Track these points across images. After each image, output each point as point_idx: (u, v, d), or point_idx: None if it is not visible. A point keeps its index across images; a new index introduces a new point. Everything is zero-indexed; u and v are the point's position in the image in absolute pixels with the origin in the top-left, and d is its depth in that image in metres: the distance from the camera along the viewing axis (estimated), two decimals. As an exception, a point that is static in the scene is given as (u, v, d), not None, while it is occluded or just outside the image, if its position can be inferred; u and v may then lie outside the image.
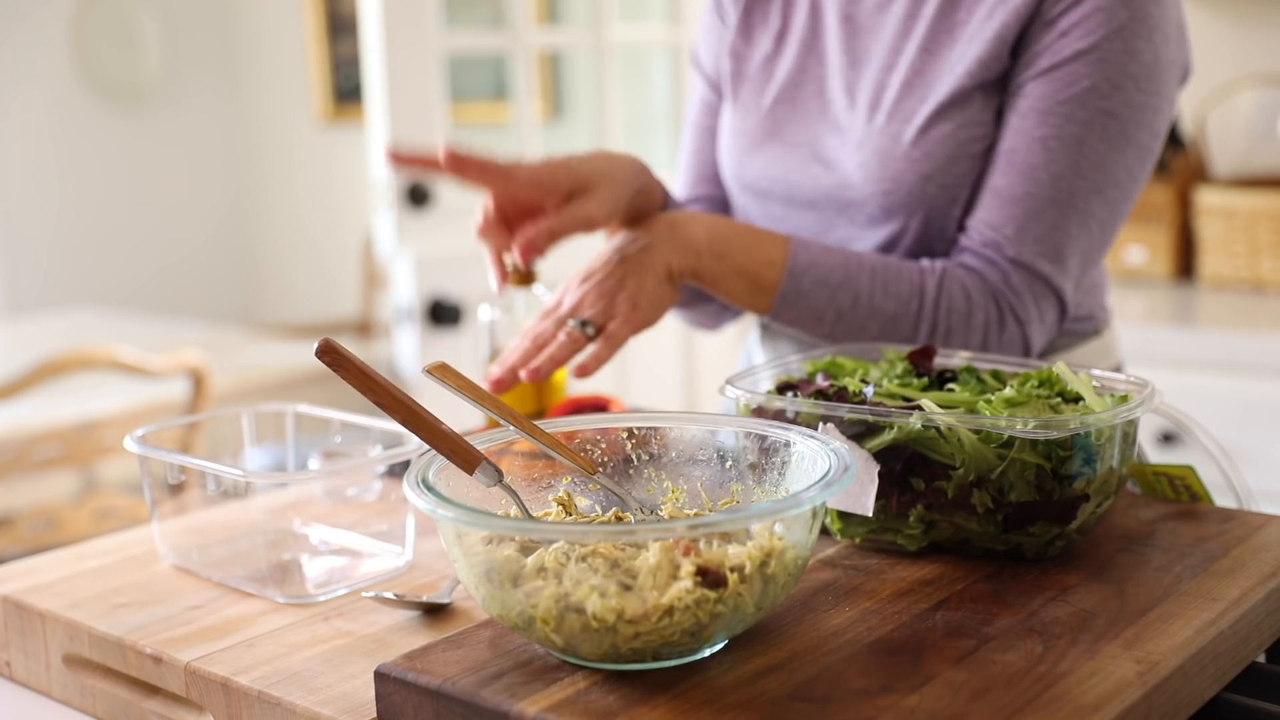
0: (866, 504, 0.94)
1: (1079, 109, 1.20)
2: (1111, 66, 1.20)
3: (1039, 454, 0.91)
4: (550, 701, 0.74)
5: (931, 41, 1.28)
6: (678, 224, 1.21)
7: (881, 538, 0.97)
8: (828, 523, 0.99)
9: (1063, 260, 1.23)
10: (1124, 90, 1.21)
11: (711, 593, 0.76)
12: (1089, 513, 0.94)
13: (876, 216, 1.29)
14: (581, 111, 4.30)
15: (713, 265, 1.20)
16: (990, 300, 1.23)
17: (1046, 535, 0.93)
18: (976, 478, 0.92)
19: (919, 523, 0.95)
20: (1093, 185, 1.21)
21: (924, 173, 1.26)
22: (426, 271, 2.84)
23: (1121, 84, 1.20)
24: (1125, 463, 0.96)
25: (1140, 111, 1.22)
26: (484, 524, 0.77)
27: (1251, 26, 2.78)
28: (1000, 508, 0.92)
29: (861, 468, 0.94)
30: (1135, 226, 2.77)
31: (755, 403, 1.01)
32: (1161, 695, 0.76)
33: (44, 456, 2.50)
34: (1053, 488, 0.92)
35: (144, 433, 1.07)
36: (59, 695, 0.98)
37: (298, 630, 0.93)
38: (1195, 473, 1.07)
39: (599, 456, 0.93)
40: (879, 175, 1.28)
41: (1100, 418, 0.91)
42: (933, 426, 0.93)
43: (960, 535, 0.95)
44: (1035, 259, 1.22)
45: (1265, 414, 2.19)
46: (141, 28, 4.96)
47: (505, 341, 1.39)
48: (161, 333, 3.75)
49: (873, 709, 0.72)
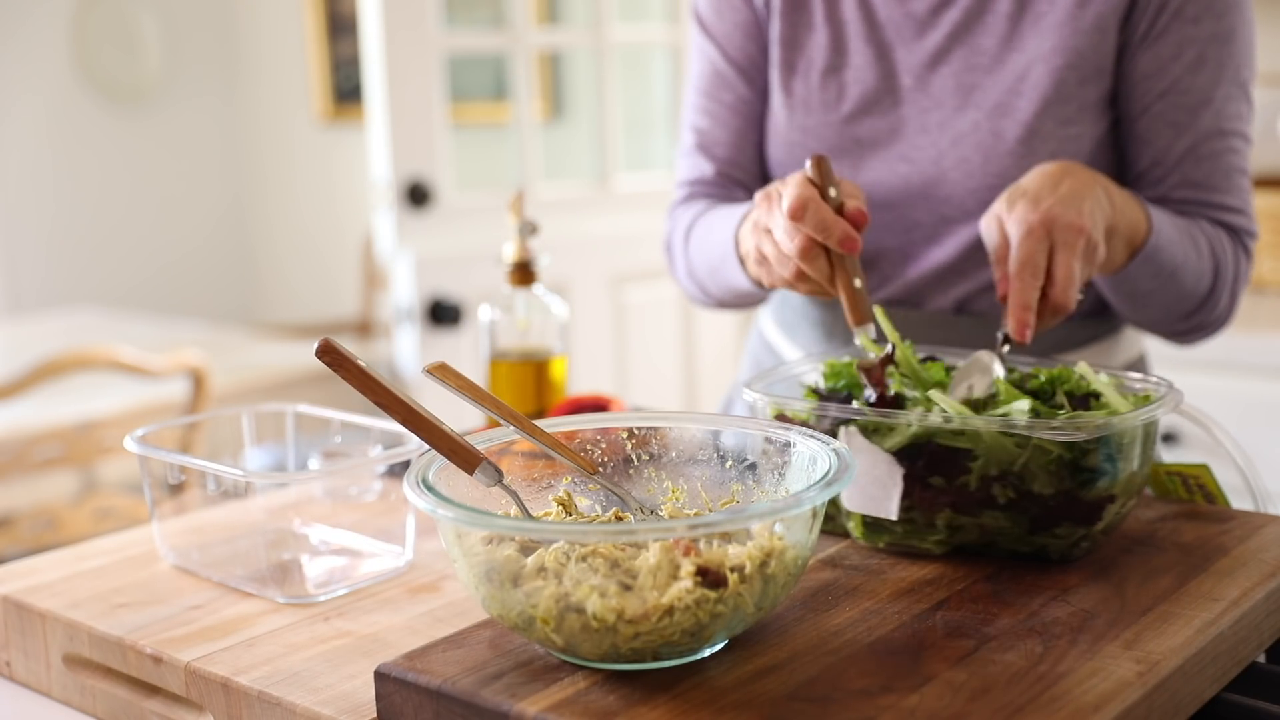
0: (891, 508, 0.93)
1: (1207, 48, 1.24)
2: (1224, 12, 1.24)
3: (1065, 453, 0.91)
4: (550, 701, 0.74)
5: (1013, 34, 1.26)
6: (1089, 179, 1.09)
7: (906, 542, 0.97)
8: (850, 527, 0.98)
9: (1246, 208, 1.28)
10: (1237, 35, 1.25)
11: (711, 593, 0.76)
12: (1114, 513, 0.94)
13: (973, 211, 1.27)
14: (581, 111, 4.30)
15: (1115, 223, 1.11)
16: (1242, 253, 1.28)
17: (1072, 537, 0.93)
18: (999, 471, 0.92)
19: (945, 527, 0.94)
20: (1239, 133, 1.27)
21: (1028, 168, 1.24)
22: (426, 271, 2.84)
23: (1234, 27, 1.25)
24: (1147, 463, 0.96)
25: (1249, 48, 1.28)
26: (484, 524, 0.77)
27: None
28: (1025, 503, 0.92)
29: (885, 472, 0.93)
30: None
31: (777, 408, 1.00)
32: (1161, 695, 0.76)
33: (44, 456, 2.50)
34: (1076, 486, 0.91)
35: (144, 433, 1.07)
36: (59, 695, 0.98)
37: (298, 630, 0.93)
38: (1210, 472, 1.06)
39: (599, 456, 0.93)
40: (982, 171, 1.27)
41: (1124, 418, 0.91)
42: (947, 419, 0.92)
43: (985, 538, 0.95)
44: (1228, 214, 1.27)
45: (1265, 414, 2.19)
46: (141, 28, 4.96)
47: (505, 341, 1.39)
48: (161, 333, 3.74)
49: (873, 709, 0.72)
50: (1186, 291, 1.24)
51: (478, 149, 4.09)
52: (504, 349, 1.39)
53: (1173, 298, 1.24)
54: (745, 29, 1.39)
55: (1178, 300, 1.24)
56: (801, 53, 1.36)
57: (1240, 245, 1.29)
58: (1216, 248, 1.25)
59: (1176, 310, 1.26)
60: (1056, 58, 1.25)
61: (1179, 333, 1.31)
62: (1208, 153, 1.25)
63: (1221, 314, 1.29)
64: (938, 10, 1.30)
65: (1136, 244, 1.16)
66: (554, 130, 4.31)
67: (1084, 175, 1.09)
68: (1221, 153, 1.26)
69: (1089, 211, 1.05)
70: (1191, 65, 1.24)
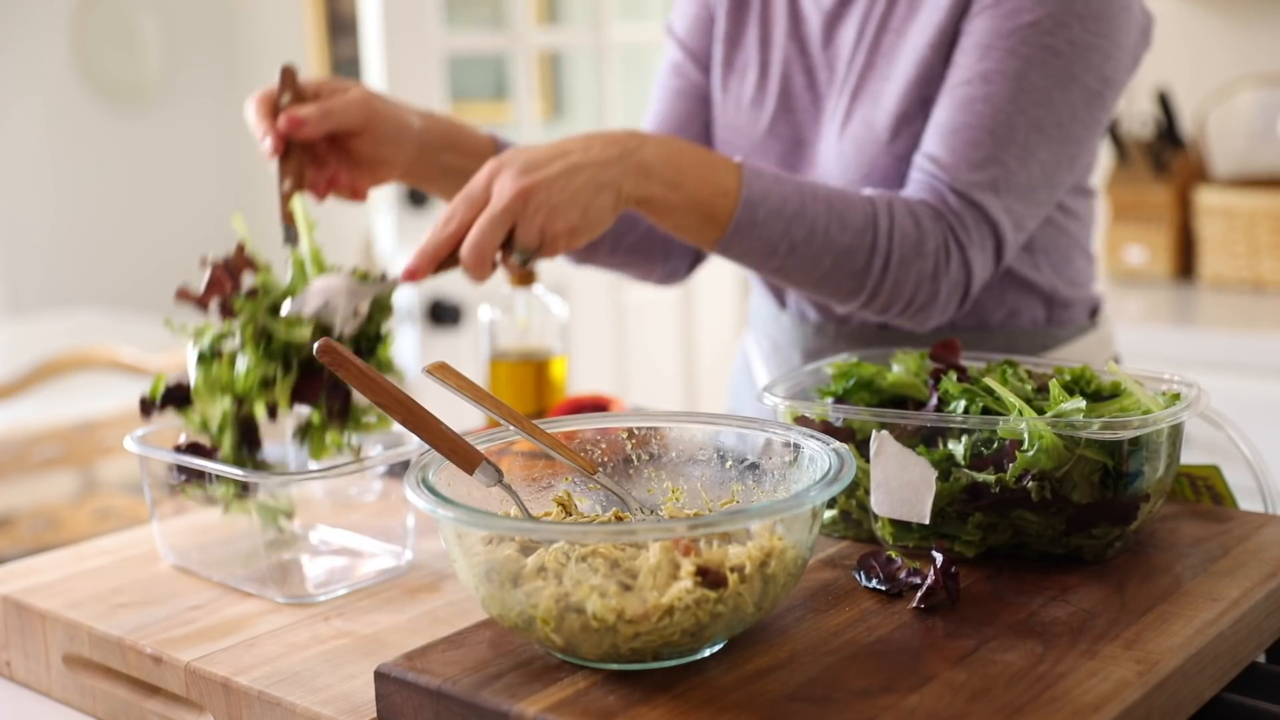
0: (924, 511, 0.92)
1: (1020, 43, 1.18)
2: (1056, 3, 1.18)
3: (1103, 453, 0.91)
4: (550, 701, 0.74)
5: (892, 18, 1.26)
6: (630, 145, 1.10)
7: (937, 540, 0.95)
8: (877, 529, 0.98)
9: (999, 192, 1.19)
10: (1069, 28, 1.18)
11: (711, 593, 0.76)
12: (1147, 512, 0.94)
13: None
14: (581, 111, 4.30)
15: (664, 194, 1.11)
16: (938, 225, 1.18)
17: (1107, 537, 0.92)
18: (1040, 471, 0.90)
19: (977, 529, 0.93)
20: (1032, 121, 1.19)
21: (898, 154, 1.25)
22: (426, 271, 2.83)
23: (1066, 21, 1.18)
24: (1176, 462, 0.96)
25: (1087, 52, 1.19)
26: (484, 524, 0.77)
27: (1251, 26, 2.78)
28: (1062, 507, 0.91)
29: (918, 475, 0.92)
30: (1135, 226, 2.77)
31: (800, 411, 0.99)
32: (1161, 695, 0.76)
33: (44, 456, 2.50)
34: (1113, 488, 0.91)
35: (144, 433, 1.07)
36: (59, 695, 0.98)
37: (298, 630, 0.93)
38: (1220, 474, 1.06)
39: (599, 456, 0.93)
40: (855, 162, 1.27)
41: (1159, 416, 0.90)
42: (998, 415, 0.92)
43: (1017, 539, 0.94)
44: (971, 188, 1.18)
45: (1265, 414, 2.19)
46: (141, 28, 4.96)
47: (505, 341, 1.39)
48: (161, 333, 3.74)
49: (873, 709, 0.72)
50: (826, 267, 1.17)
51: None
52: (504, 349, 1.39)
53: (827, 260, 1.16)
54: (703, 24, 1.41)
55: (835, 263, 1.17)
56: (740, 50, 1.37)
57: (941, 221, 1.19)
58: (880, 220, 1.17)
59: (848, 267, 1.17)
60: (921, 38, 1.23)
61: (850, 304, 1.22)
62: (968, 139, 1.19)
63: (890, 288, 1.18)
64: (846, 2, 1.30)
65: (717, 215, 1.13)
66: (554, 130, 4.31)
67: (586, 143, 1.08)
68: (985, 146, 1.19)
69: (549, 177, 1.05)
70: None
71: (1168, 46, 2.82)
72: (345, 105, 1.15)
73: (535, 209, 1.04)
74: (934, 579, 0.86)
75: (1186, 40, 2.83)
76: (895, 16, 1.27)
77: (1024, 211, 1.21)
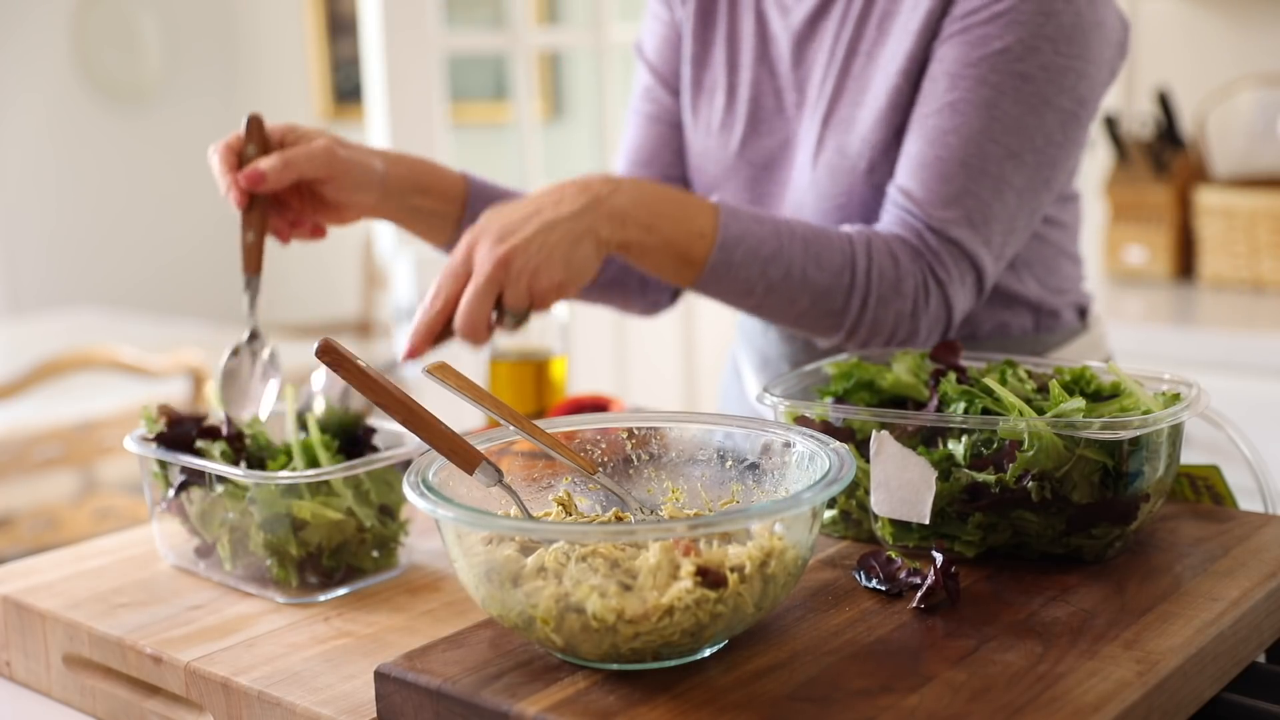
0: (923, 511, 0.92)
1: (990, 71, 1.16)
2: (1025, 28, 1.16)
3: (1103, 453, 0.91)
4: (550, 701, 0.74)
5: (862, 41, 1.24)
6: (603, 192, 1.11)
7: (937, 540, 0.95)
8: (877, 529, 0.98)
9: (976, 226, 1.18)
10: (1040, 52, 1.16)
11: (711, 593, 0.76)
12: (1147, 512, 0.94)
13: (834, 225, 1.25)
14: (581, 111, 4.30)
15: (641, 238, 1.12)
16: (916, 264, 1.18)
17: (1107, 537, 0.92)
18: (1040, 471, 0.90)
19: (977, 529, 0.93)
20: (1005, 150, 1.17)
21: (876, 183, 1.23)
22: (426, 271, 2.83)
23: (1037, 46, 1.16)
24: (1176, 462, 0.96)
25: (1060, 75, 1.17)
26: (484, 524, 0.77)
27: (1251, 26, 2.78)
28: (1062, 507, 0.91)
29: (918, 475, 0.92)
30: (1135, 226, 2.77)
31: (800, 411, 0.99)
32: (1161, 695, 0.76)
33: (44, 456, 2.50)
34: (1113, 488, 0.91)
35: (144, 433, 1.07)
36: (59, 695, 0.98)
37: (298, 630, 0.93)
38: (1221, 474, 1.06)
39: (599, 456, 0.93)
40: (830, 191, 1.25)
41: (1159, 416, 0.90)
42: (997, 415, 0.92)
43: (1017, 539, 0.94)
44: (946, 225, 1.17)
45: (1265, 414, 2.19)
46: (141, 28, 4.96)
47: (505, 341, 1.39)
48: (161, 333, 3.75)
49: (873, 709, 0.72)
50: (803, 305, 1.17)
51: (478, 149, 4.09)
52: (504, 349, 1.39)
53: (804, 300, 1.17)
54: (672, 44, 1.39)
55: (813, 303, 1.17)
56: (708, 71, 1.36)
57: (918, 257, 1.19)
58: (859, 260, 1.17)
59: (825, 307, 1.18)
60: (892, 64, 1.21)
61: (828, 336, 1.22)
62: (940, 173, 1.18)
63: (869, 326, 1.18)
64: (813, 20, 1.28)
65: (694, 257, 1.14)
66: (554, 130, 4.31)
67: (558, 195, 1.10)
68: (958, 179, 1.18)
69: (525, 240, 1.07)
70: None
71: (1168, 46, 2.82)
72: (308, 156, 1.13)
73: (518, 274, 1.07)
74: (934, 579, 0.86)
75: (1186, 40, 2.83)
76: (865, 39, 1.24)
77: (1003, 240, 1.20)
